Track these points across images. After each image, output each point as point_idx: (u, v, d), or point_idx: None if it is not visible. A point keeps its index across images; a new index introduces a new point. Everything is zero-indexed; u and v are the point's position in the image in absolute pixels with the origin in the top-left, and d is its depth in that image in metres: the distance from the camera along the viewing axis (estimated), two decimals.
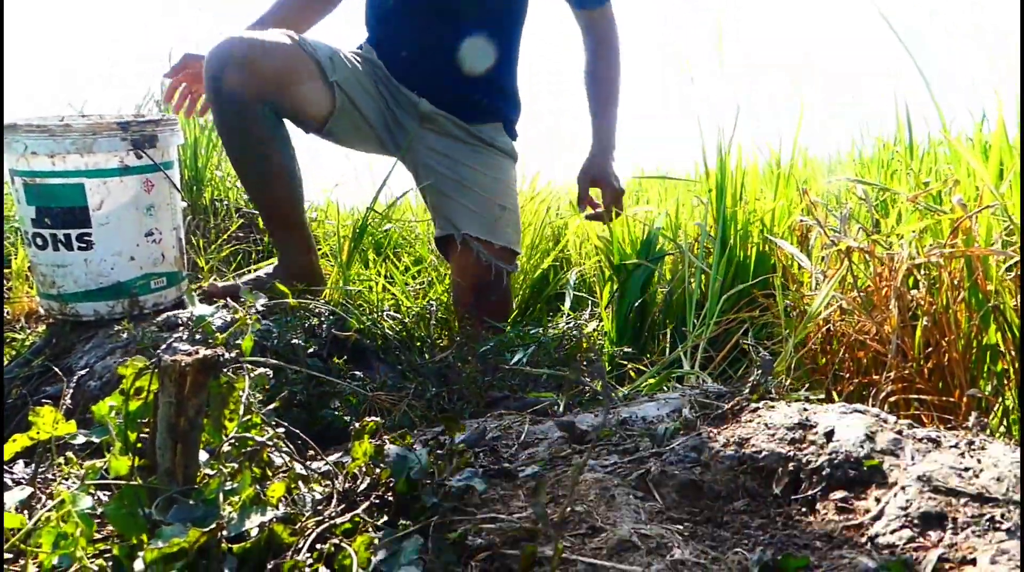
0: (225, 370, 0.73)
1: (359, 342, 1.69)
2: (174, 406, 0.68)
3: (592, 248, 2.73)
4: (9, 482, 0.80)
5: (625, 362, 1.80)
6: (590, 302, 2.51)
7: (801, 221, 1.71)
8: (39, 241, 1.66)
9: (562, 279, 2.78)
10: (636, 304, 2.01)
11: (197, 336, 1.01)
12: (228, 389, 0.72)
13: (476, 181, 1.96)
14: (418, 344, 1.87)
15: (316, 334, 1.64)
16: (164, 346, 0.65)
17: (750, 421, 0.90)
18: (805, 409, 0.91)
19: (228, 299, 1.77)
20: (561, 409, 1.41)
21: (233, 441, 0.67)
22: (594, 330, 2.14)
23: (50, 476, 0.82)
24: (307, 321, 1.64)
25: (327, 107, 1.87)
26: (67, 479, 0.74)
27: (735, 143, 2.01)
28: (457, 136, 1.99)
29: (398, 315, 2.10)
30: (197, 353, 0.68)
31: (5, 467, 0.82)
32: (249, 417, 0.70)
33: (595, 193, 1.98)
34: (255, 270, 2.21)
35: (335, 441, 1.35)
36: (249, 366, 0.78)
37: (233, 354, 0.71)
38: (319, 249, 2.67)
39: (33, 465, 0.79)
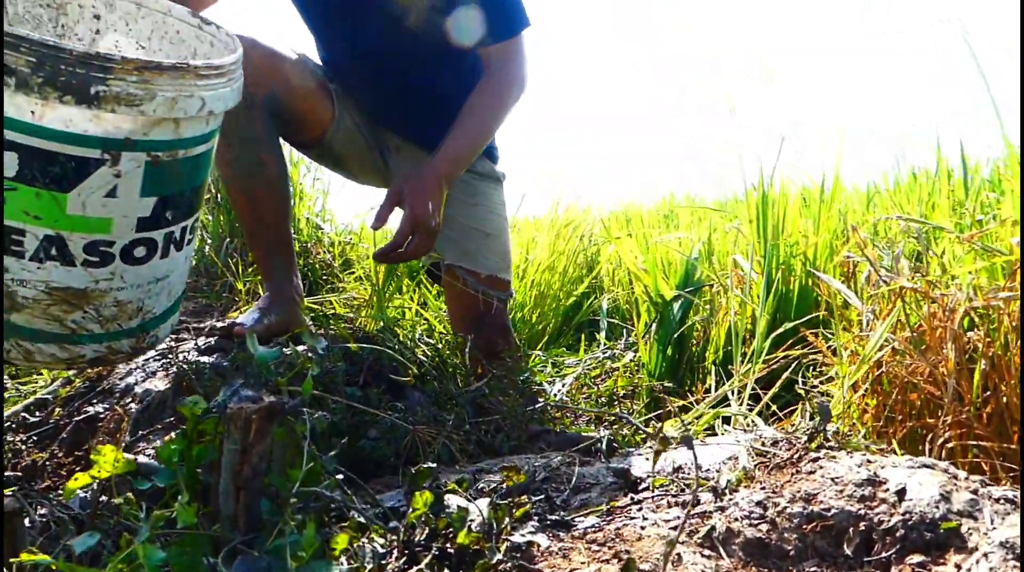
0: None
1: (394, 370, 1.68)
2: (239, 453, 0.68)
3: (625, 275, 2.71)
4: (67, 518, 0.79)
5: (665, 396, 1.77)
6: (624, 331, 2.49)
7: (848, 257, 1.68)
8: (139, 252, 1.03)
9: (595, 305, 2.76)
10: (675, 336, 1.99)
11: (256, 378, 1.00)
12: (290, 435, 0.71)
13: (455, 210, 1.79)
14: (450, 370, 1.86)
15: (353, 362, 1.63)
16: (230, 392, 0.65)
17: (812, 473, 0.88)
18: (870, 461, 0.88)
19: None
20: (603, 447, 1.39)
21: (299, 492, 0.66)
22: (631, 361, 2.12)
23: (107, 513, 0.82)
24: (345, 350, 1.64)
25: (328, 112, 1.78)
26: (126, 520, 0.73)
27: (777, 172, 1.99)
28: None
29: (431, 341, 2.09)
30: (262, 400, 0.68)
31: (64, 503, 0.82)
32: (312, 464, 0.69)
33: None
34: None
35: (375, 473, 1.34)
36: (306, 409, 0.78)
37: (296, 401, 0.70)
38: (352, 272, 2.69)
39: (90, 504, 0.78)
